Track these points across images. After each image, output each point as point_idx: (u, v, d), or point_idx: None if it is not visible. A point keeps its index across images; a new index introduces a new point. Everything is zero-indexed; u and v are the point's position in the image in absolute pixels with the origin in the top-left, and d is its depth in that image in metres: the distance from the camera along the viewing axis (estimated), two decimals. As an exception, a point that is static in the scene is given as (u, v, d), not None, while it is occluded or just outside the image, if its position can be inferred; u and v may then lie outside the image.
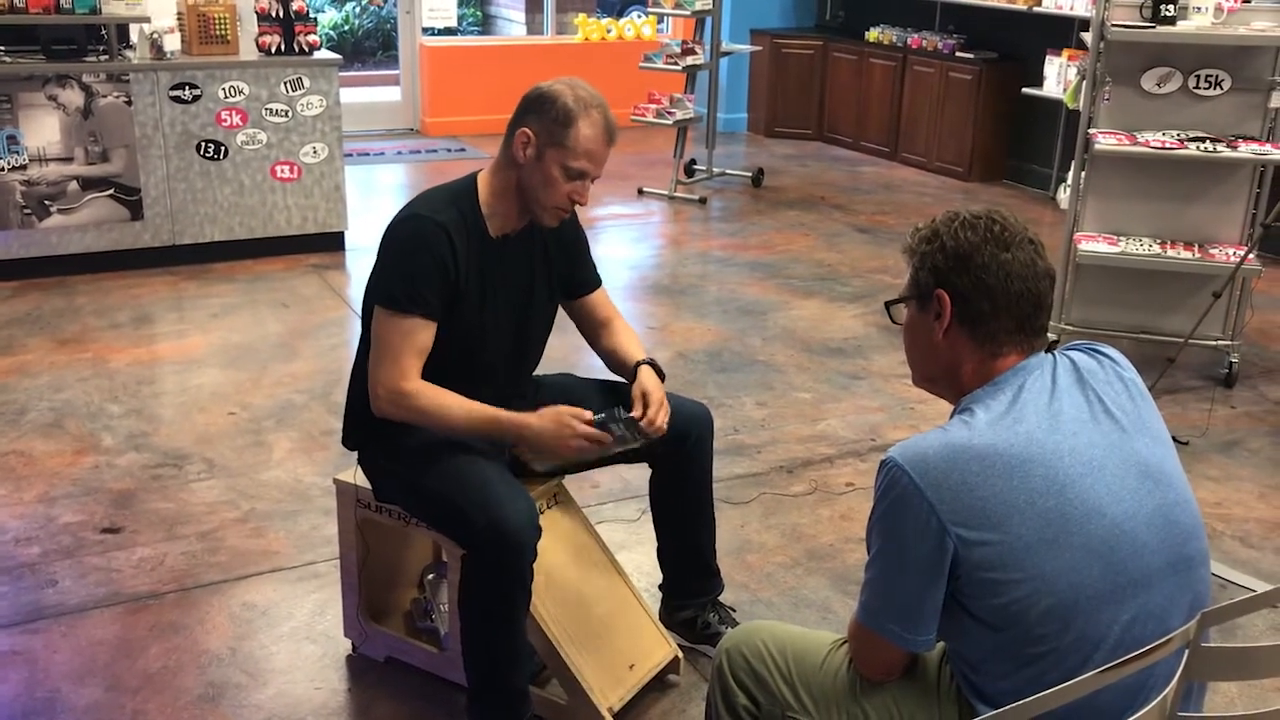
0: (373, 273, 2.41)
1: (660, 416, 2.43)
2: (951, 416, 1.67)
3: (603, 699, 2.47)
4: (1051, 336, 4.68)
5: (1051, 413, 1.60)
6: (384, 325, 2.34)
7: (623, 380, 2.60)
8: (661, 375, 2.53)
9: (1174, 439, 4.29)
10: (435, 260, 2.32)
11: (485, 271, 2.40)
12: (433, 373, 2.36)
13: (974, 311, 1.65)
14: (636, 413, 2.40)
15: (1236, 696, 2.68)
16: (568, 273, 2.60)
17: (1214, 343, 4.62)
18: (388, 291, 2.35)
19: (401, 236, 2.36)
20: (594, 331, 2.67)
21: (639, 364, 2.53)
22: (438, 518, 2.41)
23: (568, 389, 2.64)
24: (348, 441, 2.58)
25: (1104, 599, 1.54)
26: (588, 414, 2.34)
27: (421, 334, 2.33)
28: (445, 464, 2.35)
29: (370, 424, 2.44)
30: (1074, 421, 1.61)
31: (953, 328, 1.67)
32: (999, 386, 1.64)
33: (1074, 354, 1.72)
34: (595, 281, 2.67)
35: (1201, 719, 1.64)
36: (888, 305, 1.79)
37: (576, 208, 2.44)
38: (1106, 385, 1.67)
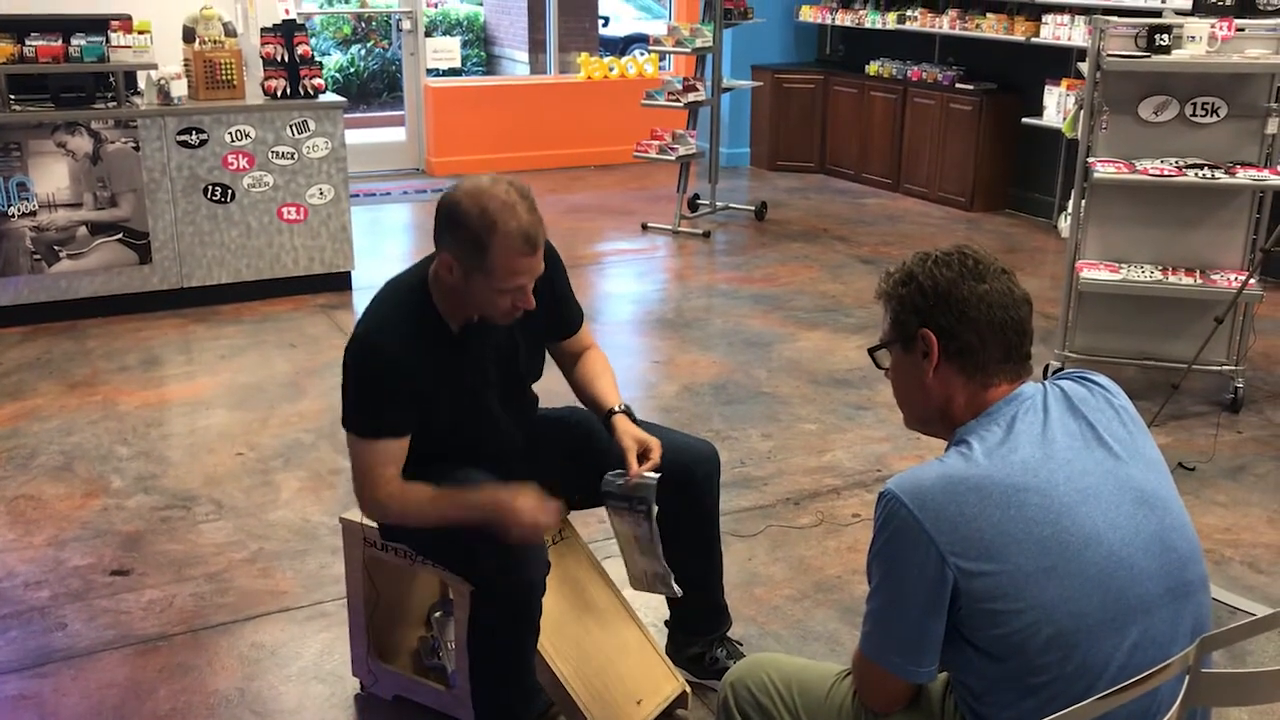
0: (342, 391, 2.37)
1: (644, 464, 2.39)
2: (947, 449, 1.68)
3: (611, 735, 2.47)
4: (1056, 364, 4.68)
5: (1045, 441, 1.61)
6: (353, 448, 2.35)
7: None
8: (633, 418, 2.49)
9: (1181, 464, 4.26)
10: (393, 390, 2.28)
11: (455, 370, 2.36)
12: (431, 447, 2.36)
13: (961, 345, 1.67)
14: (642, 468, 2.39)
15: (1247, 724, 2.67)
16: (554, 315, 2.55)
17: (1218, 368, 4.62)
18: (350, 419, 2.34)
19: (357, 365, 2.31)
20: (570, 365, 2.64)
21: (610, 414, 2.49)
22: (446, 555, 2.42)
23: (569, 425, 2.65)
24: None
25: (1104, 627, 1.54)
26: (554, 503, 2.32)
27: (392, 449, 2.32)
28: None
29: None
30: (1067, 449, 1.61)
31: (942, 365, 1.69)
32: (992, 417, 1.65)
33: (1064, 383, 1.73)
34: (577, 323, 2.64)
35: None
36: (871, 352, 1.80)
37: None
38: (1098, 412, 1.68)
